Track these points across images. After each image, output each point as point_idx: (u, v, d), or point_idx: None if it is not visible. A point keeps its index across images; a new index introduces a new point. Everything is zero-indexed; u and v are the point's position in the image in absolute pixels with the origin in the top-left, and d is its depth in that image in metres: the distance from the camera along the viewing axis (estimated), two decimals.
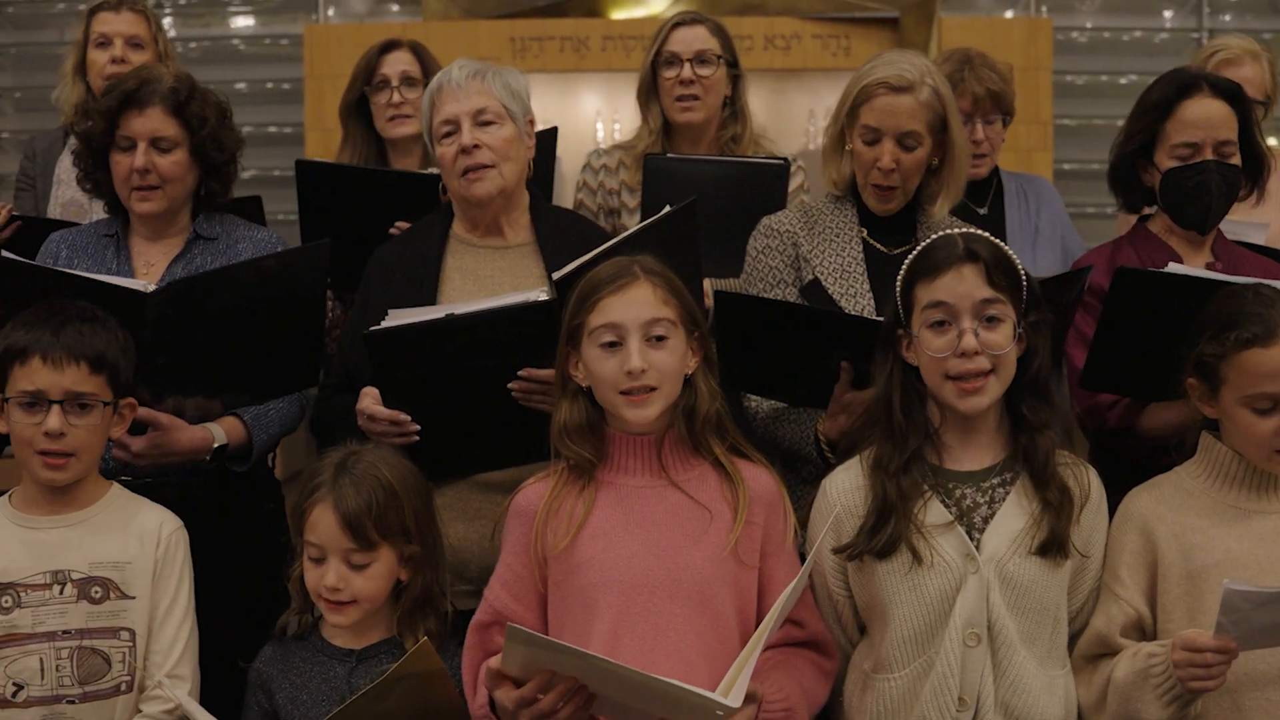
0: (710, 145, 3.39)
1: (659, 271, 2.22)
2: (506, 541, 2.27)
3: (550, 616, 2.23)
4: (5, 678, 2.26)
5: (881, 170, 2.65)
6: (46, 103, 5.93)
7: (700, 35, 3.36)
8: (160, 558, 2.35)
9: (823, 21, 5.37)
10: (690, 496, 2.21)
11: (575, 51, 5.24)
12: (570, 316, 2.22)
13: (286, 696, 2.29)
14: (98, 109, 2.68)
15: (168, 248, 2.74)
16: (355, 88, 3.46)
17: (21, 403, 2.28)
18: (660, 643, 2.14)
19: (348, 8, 5.87)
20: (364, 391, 2.50)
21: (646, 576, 2.16)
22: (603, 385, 2.19)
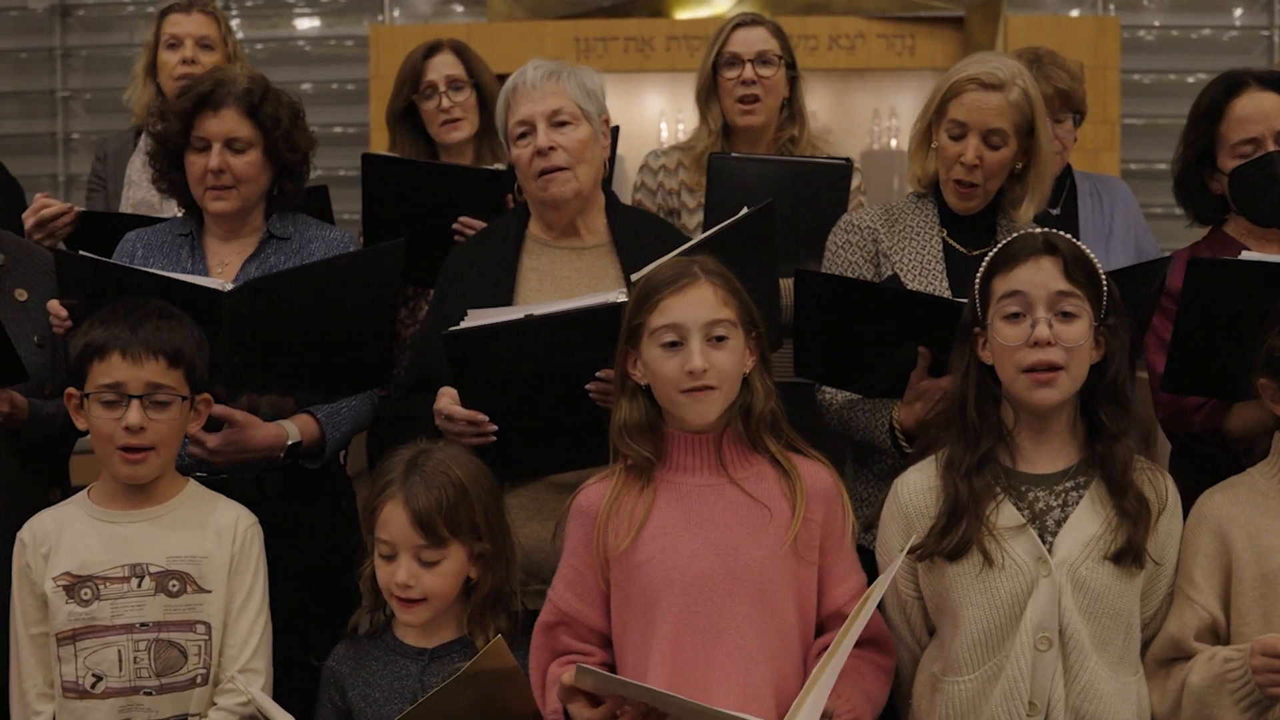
0: (769, 146, 3.39)
1: (719, 272, 2.22)
2: (568, 541, 2.29)
3: (614, 616, 2.24)
4: (84, 669, 2.29)
5: (964, 166, 2.64)
6: (116, 104, 6.04)
7: (761, 36, 3.36)
8: (236, 553, 2.38)
9: (888, 21, 5.34)
10: (749, 494, 2.22)
11: (639, 52, 5.24)
12: (630, 316, 2.23)
13: (359, 694, 2.31)
14: (173, 110, 2.71)
15: (241, 247, 2.77)
16: (402, 95, 3.46)
17: (101, 398, 2.31)
18: (721, 641, 2.15)
19: (413, 8, 5.91)
20: (441, 391, 2.51)
21: (707, 575, 2.17)
22: (663, 385, 2.20)
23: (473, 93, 3.40)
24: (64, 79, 5.98)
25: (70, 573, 2.31)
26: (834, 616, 2.22)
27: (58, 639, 2.31)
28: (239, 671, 2.35)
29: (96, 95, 6.04)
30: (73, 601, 2.30)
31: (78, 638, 2.30)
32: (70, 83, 6.01)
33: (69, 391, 2.37)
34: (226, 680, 2.35)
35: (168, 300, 2.40)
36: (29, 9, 5.88)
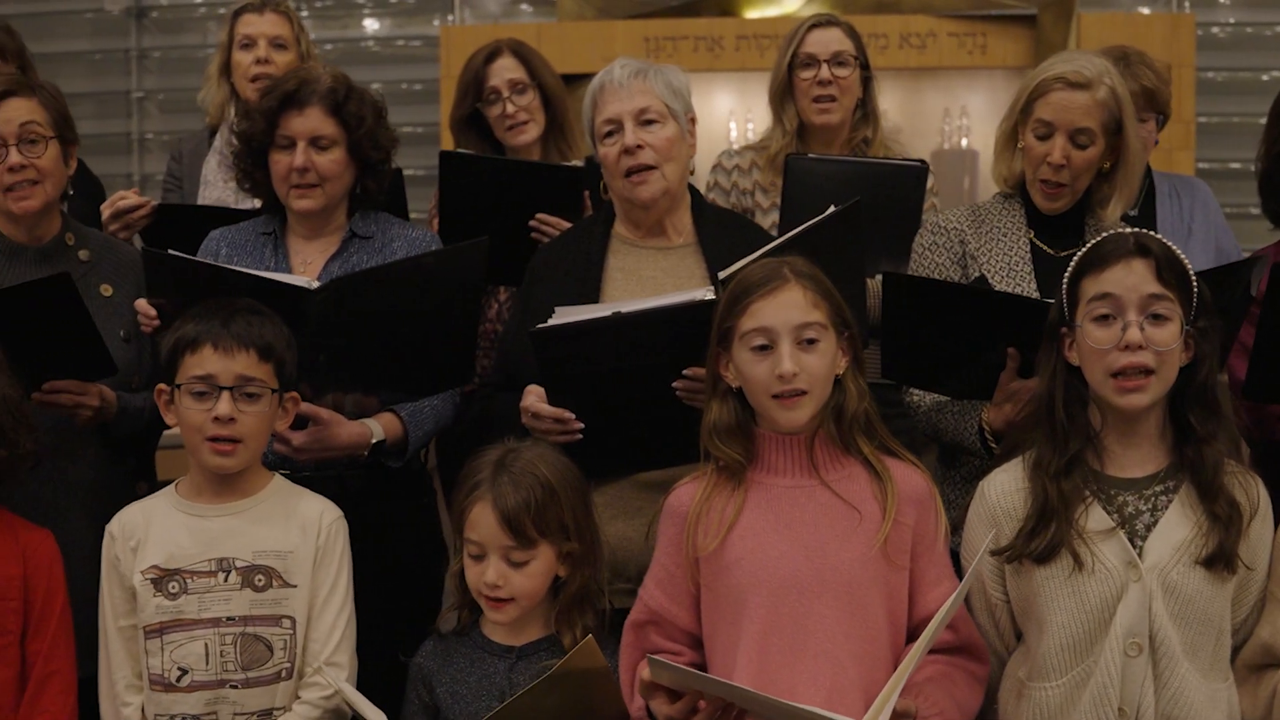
0: (843, 147, 3.37)
1: (809, 274, 2.21)
2: (659, 541, 2.29)
3: (703, 617, 2.24)
4: (171, 662, 2.31)
5: (1051, 166, 2.61)
6: (189, 104, 6.10)
7: (836, 37, 3.34)
8: (321, 547, 2.39)
9: (959, 19, 5.31)
10: (840, 496, 2.20)
11: (709, 51, 5.23)
12: (721, 318, 2.23)
13: (446, 691, 2.31)
14: (259, 109, 2.73)
15: (324, 246, 2.78)
16: (466, 103, 3.44)
17: (192, 390, 2.33)
18: (809, 643, 2.14)
19: (482, 8, 5.94)
20: (528, 389, 2.51)
21: (795, 577, 2.16)
22: (754, 388, 2.20)
23: (536, 93, 3.39)
24: (139, 80, 6.06)
25: (158, 566, 2.34)
26: (924, 622, 2.19)
27: (145, 632, 2.33)
28: (324, 665, 2.36)
29: (169, 96, 6.12)
30: (160, 595, 2.32)
31: (165, 631, 2.32)
32: (144, 83, 6.09)
33: (159, 387, 2.40)
34: (311, 673, 2.36)
35: (255, 298, 2.42)
36: (105, 11, 5.96)
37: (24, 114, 2.72)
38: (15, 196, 2.73)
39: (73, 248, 2.83)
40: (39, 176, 2.73)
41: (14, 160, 2.71)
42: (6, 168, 2.71)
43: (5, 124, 2.71)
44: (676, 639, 2.25)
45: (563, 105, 3.43)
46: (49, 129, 2.75)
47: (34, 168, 2.72)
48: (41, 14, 5.87)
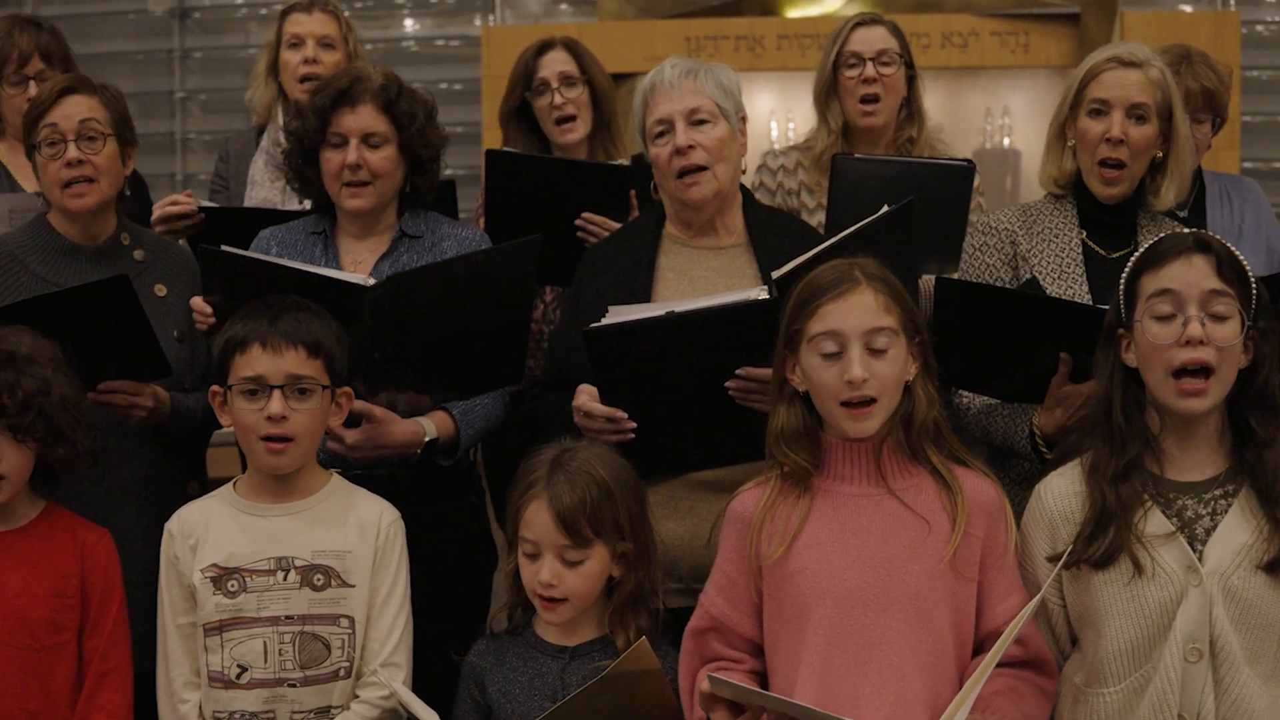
0: (888, 146, 3.35)
1: (881, 277, 2.17)
2: (722, 547, 2.26)
3: (766, 625, 2.21)
4: (230, 659, 2.32)
5: (1110, 142, 2.59)
6: (231, 104, 6.17)
7: (881, 35, 3.33)
8: (380, 548, 2.39)
9: (1001, 18, 5.28)
10: (908, 506, 2.17)
11: (750, 51, 5.23)
12: (788, 321, 2.19)
13: (499, 690, 2.31)
14: (311, 107, 2.73)
15: (374, 245, 2.79)
16: (515, 94, 3.45)
17: (244, 390, 2.34)
18: (874, 656, 2.10)
19: (523, 8, 5.95)
20: (580, 388, 2.51)
21: (861, 589, 2.12)
22: (822, 394, 2.16)
23: (586, 90, 3.40)
24: (181, 80, 6.10)
25: (218, 564, 2.34)
26: (992, 635, 2.15)
27: (205, 629, 2.34)
28: (381, 666, 2.36)
29: (211, 96, 6.15)
30: (220, 593, 2.33)
31: (224, 629, 2.33)
32: (187, 83, 6.12)
33: (213, 389, 2.40)
34: (369, 674, 2.37)
35: (311, 295, 2.42)
36: (148, 12, 6.00)
37: (84, 111, 2.74)
38: (71, 193, 2.74)
39: (128, 247, 2.85)
40: (95, 174, 2.74)
41: (71, 155, 2.72)
42: (64, 163, 2.72)
43: (64, 119, 2.73)
44: (737, 646, 2.23)
45: (611, 104, 3.43)
46: (108, 127, 2.76)
47: (91, 164, 2.73)
48: (85, 15, 5.91)
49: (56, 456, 2.37)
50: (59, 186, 2.74)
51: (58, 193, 2.76)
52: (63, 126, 2.72)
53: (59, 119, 2.73)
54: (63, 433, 2.35)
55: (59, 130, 2.72)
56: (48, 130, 2.73)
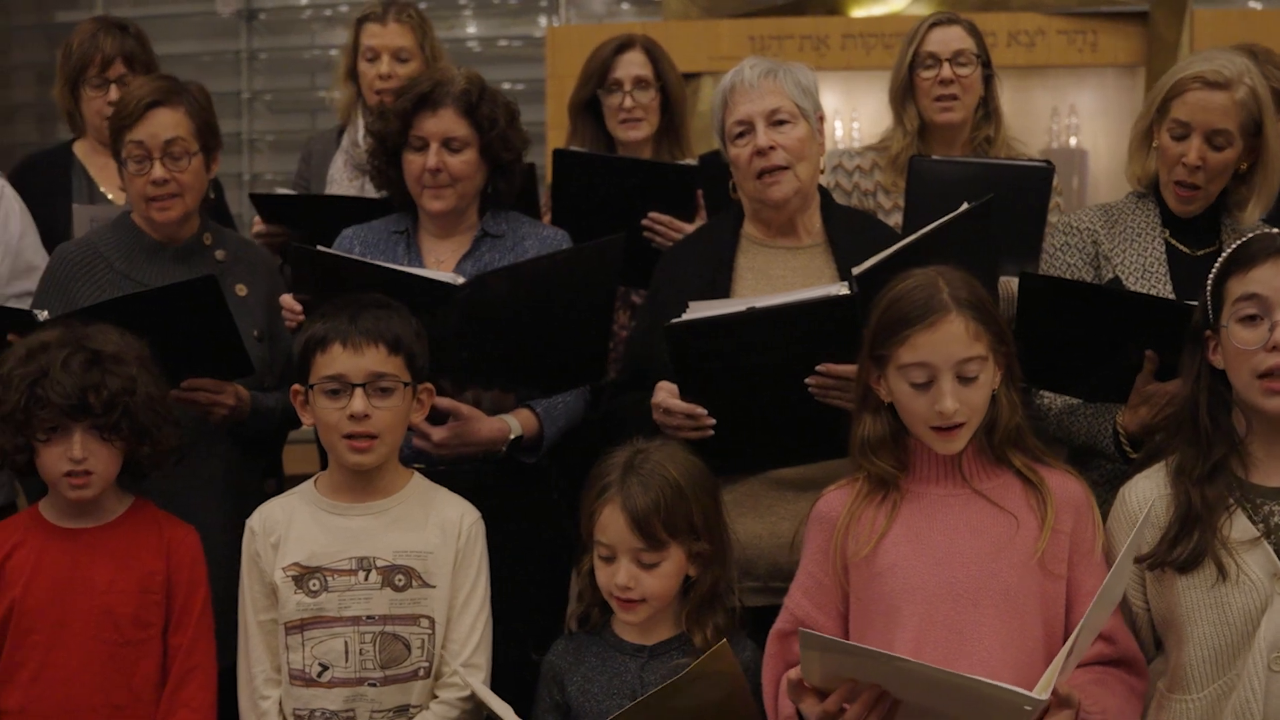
0: (964, 147, 3.32)
1: (968, 301, 2.15)
2: (807, 549, 2.26)
3: (851, 625, 2.21)
4: (311, 658, 2.34)
5: (1186, 167, 2.57)
6: (296, 104, 6.23)
7: (958, 35, 3.30)
8: (461, 549, 2.40)
9: (1069, 17, 5.22)
10: (995, 504, 2.17)
11: (815, 50, 5.18)
12: (875, 340, 2.18)
13: (578, 689, 2.32)
14: (393, 110, 2.75)
15: (456, 245, 2.80)
16: (588, 87, 3.44)
17: (325, 389, 2.35)
18: (964, 652, 2.10)
19: (587, 8, 5.96)
20: (659, 385, 2.51)
21: (950, 585, 2.13)
22: (911, 418, 2.17)
23: (657, 94, 3.38)
24: (248, 80, 6.15)
25: (299, 563, 2.36)
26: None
27: (286, 628, 2.36)
28: (461, 666, 2.37)
29: (277, 96, 6.20)
30: (301, 592, 2.35)
31: (306, 627, 2.34)
32: (253, 84, 6.18)
33: (294, 388, 2.42)
34: (449, 674, 2.37)
35: (400, 294, 2.44)
36: (216, 14, 6.05)
37: (169, 129, 2.75)
38: (157, 208, 2.77)
39: (210, 248, 2.88)
40: (180, 190, 2.77)
41: (157, 174, 2.74)
42: (150, 180, 2.74)
43: (151, 138, 2.74)
44: None
45: (682, 109, 3.42)
46: (193, 142, 2.78)
47: (176, 182, 2.76)
48: (153, 17, 5.98)
49: (142, 454, 2.40)
50: (144, 200, 2.77)
51: (143, 205, 2.79)
52: (149, 144, 2.74)
53: (145, 137, 2.74)
54: (148, 431, 2.38)
55: (145, 148, 2.74)
56: (133, 147, 2.75)
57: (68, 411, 2.31)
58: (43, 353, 2.34)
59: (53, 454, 2.34)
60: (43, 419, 2.31)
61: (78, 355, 2.33)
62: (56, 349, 2.34)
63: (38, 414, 2.31)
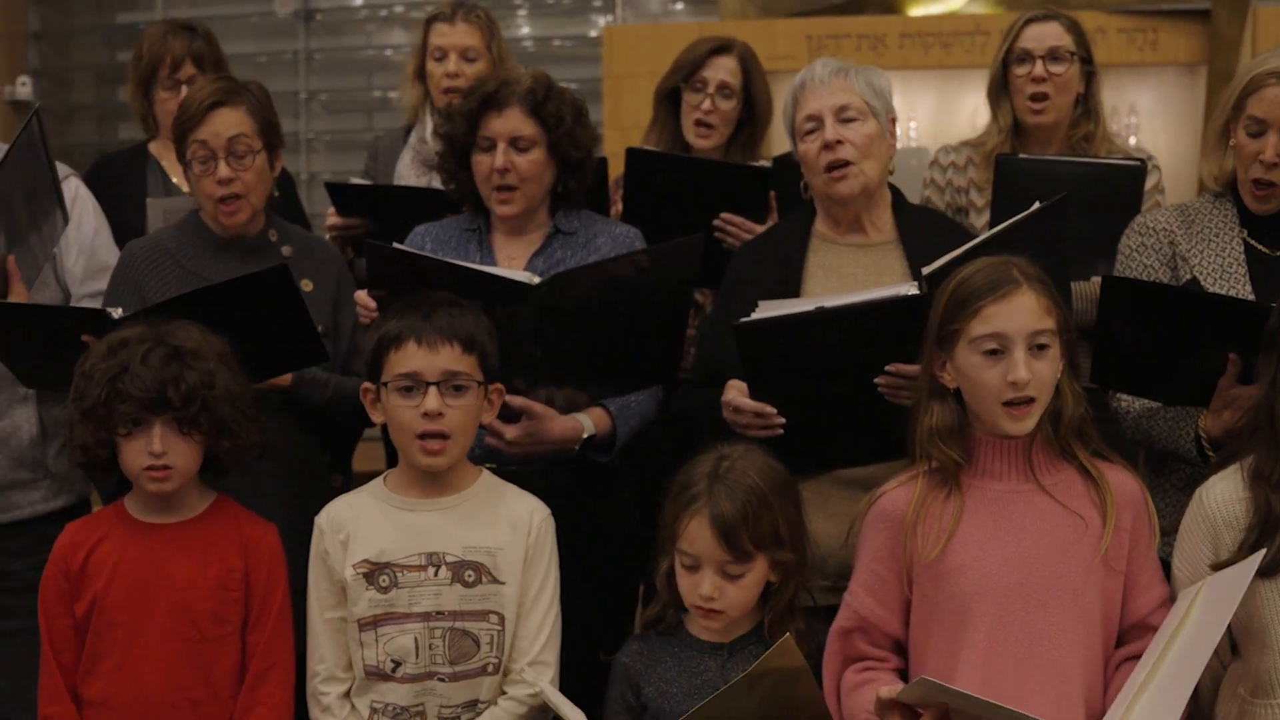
0: (1061, 144, 3.27)
1: (1039, 278, 2.17)
2: (867, 545, 2.26)
3: (915, 624, 2.21)
4: (384, 654, 2.35)
5: (1263, 164, 2.54)
6: (353, 104, 6.26)
7: (1054, 31, 3.25)
8: (531, 545, 2.40)
9: (1129, 15, 5.17)
10: (1059, 502, 2.17)
11: (872, 50, 5.16)
12: (943, 320, 2.19)
13: (655, 690, 2.31)
14: (460, 111, 2.76)
15: (528, 243, 2.80)
16: (674, 78, 3.42)
17: (399, 386, 2.35)
18: (1035, 653, 2.11)
19: (643, 8, 5.96)
20: (729, 384, 2.51)
21: (1020, 585, 2.13)
22: (982, 393, 2.16)
23: (739, 105, 3.35)
24: (305, 80, 6.20)
25: (369, 560, 2.36)
26: (1136, 627, 2.18)
27: (359, 625, 2.36)
28: (529, 664, 2.37)
29: (333, 96, 6.24)
30: (372, 589, 2.35)
31: (378, 624, 2.35)
32: (310, 84, 6.22)
33: (365, 386, 2.43)
34: (517, 672, 2.38)
35: (476, 293, 2.44)
36: (273, 14, 6.10)
37: (232, 127, 2.78)
38: (225, 210, 2.80)
39: (276, 244, 2.90)
40: (245, 189, 2.79)
41: (222, 174, 2.76)
42: (215, 180, 2.77)
43: (214, 137, 2.77)
44: (882, 645, 2.23)
45: (766, 122, 3.39)
46: (256, 140, 2.80)
47: (241, 181, 2.78)
48: (211, 18, 6.00)
49: (222, 449, 2.42)
50: (212, 201, 2.80)
51: (211, 206, 2.82)
52: (213, 144, 2.76)
53: (208, 136, 2.77)
54: (227, 426, 2.39)
55: (209, 147, 2.77)
56: (197, 147, 2.78)
57: (147, 405, 2.33)
58: (123, 348, 2.36)
59: (133, 448, 2.36)
60: (123, 413, 2.33)
61: (157, 350, 2.36)
62: (136, 344, 2.36)
63: (118, 408, 2.33)
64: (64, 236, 2.97)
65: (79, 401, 2.36)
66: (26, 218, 2.83)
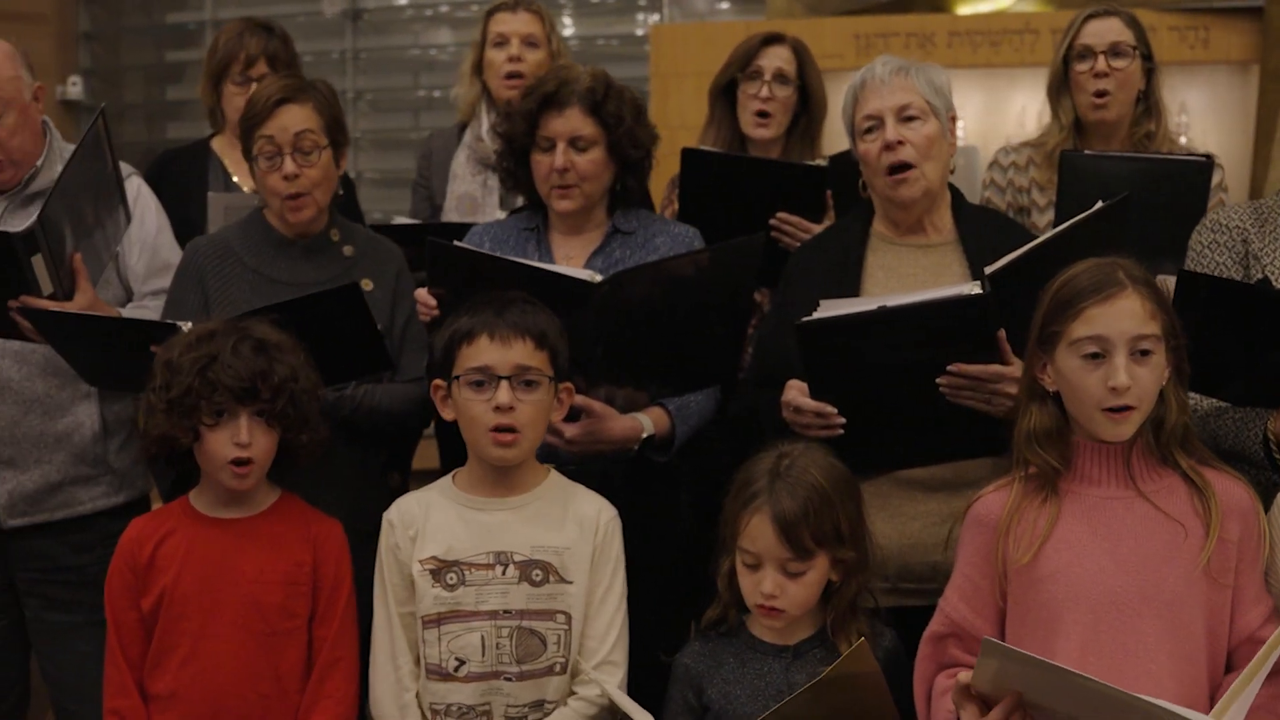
0: (1123, 142, 3.25)
1: (1145, 280, 2.12)
2: (963, 551, 2.23)
3: (1008, 631, 2.17)
4: (448, 652, 2.35)
5: None
6: (398, 103, 6.30)
7: (1115, 27, 3.24)
8: (598, 545, 2.40)
9: (1181, 13, 5.13)
10: (1160, 509, 2.12)
11: (920, 48, 5.13)
12: (1045, 320, 2.15)
13: (719, 692, 2.30)
14: (519, 111, 2.76)
15: (586, 242, 2.81)
16: (729, 72, 3.42)
17: (470, 381, 2.36)
18: (1129, 663, 2.05)
19: (689, 7, 5.96)
20: (789, 384, 2.50)
21: (1115, 593, 2.08)
22: (1081, 397, 2.11)
23: (795, 93, 3.35)
24: (353, 79, 6.23)
25: (437, 557, 2.37)
26: (1246, 643, 2.09)
27: (423, 622, 2.37)
28: (596, 665, 2.37)
29: (379, 95, 6.28)
30: (438, 585, 2.36)
31: (443, 621, 2.36)
32: (357, 83, 6.26)
33: (435, 383, 2.44)
34: (586, 673, 2.37)
35: (537, 291, 2.44)
36: (320, 14, 6.14)
37: (298, 123, 2.79)
38: (291, 207, 2.81)
39: (338, 243, 2.91)
40: (311, 186, 2.81)
41: (289, 170, 2.78)
42: (282, 176, 2.78)
43: (280, 132, 2.78)
44: (975, 652, 2.15)
45: (821, 113, 3.38)
46: (322, 137, 2.81)
47: (306, 177, 2.79)
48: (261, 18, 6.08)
49: (300, 443, 2.43)
50: (278, 198, 2.82)
51: (277, 203, 2.83)
52: (279, 139, 2.78)
53: (275, 131, 2.78)
54: (308, 419, 2.42)
55: (275, 143, 2.78)
56: (263, 143, 2.80)
57: (238, 395, 2.35)
58: (210, 340, 2.38)
59: (219, 438, 2.38)
60: (213, 402, 2.35)
61: (246, 342, 2.38)
62: (224, 336, 2.38)
63: (208, 397, 2.34)
64: (126, 235, 3.00)
65: (164, 391, 2.37)
66: (92, 216, 2.86)
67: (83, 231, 2.82)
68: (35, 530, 2.92)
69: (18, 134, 2.86)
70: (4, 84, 2.82)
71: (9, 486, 2.89)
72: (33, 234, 2.64)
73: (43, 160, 2.94)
